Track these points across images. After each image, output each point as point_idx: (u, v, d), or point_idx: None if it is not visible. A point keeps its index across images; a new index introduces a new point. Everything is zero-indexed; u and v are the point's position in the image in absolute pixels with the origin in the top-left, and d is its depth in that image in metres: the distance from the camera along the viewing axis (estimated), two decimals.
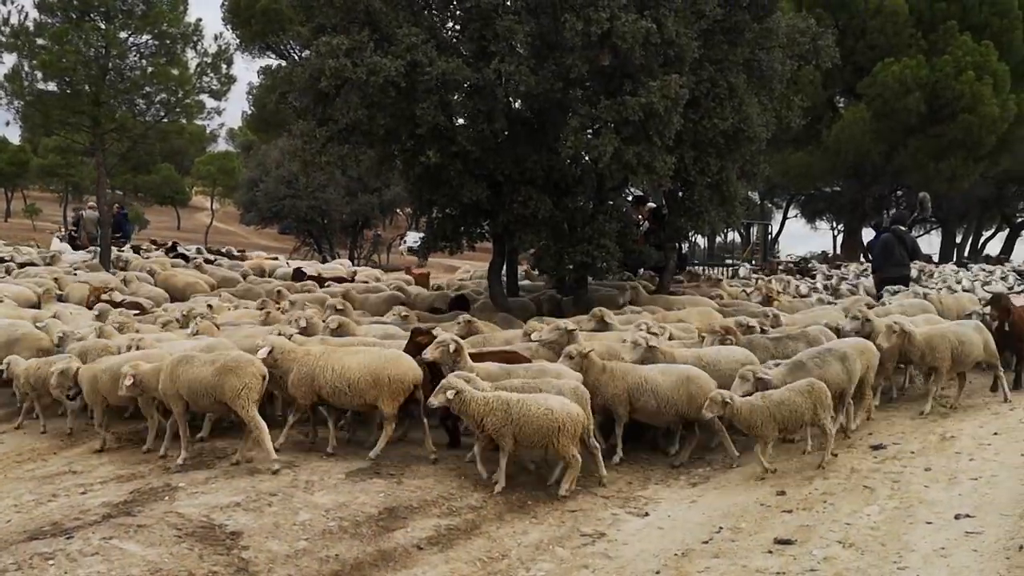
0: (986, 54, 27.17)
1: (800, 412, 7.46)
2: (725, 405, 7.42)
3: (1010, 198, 42.54)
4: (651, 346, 8.87)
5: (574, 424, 7.05)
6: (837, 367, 8.21)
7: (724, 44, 12.89)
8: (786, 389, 7.63)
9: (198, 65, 20.84)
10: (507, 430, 7.06)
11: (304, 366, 7.98)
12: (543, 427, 6.99)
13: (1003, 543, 5.50)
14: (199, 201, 65.81)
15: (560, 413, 7.02)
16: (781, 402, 7.49)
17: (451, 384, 7.15)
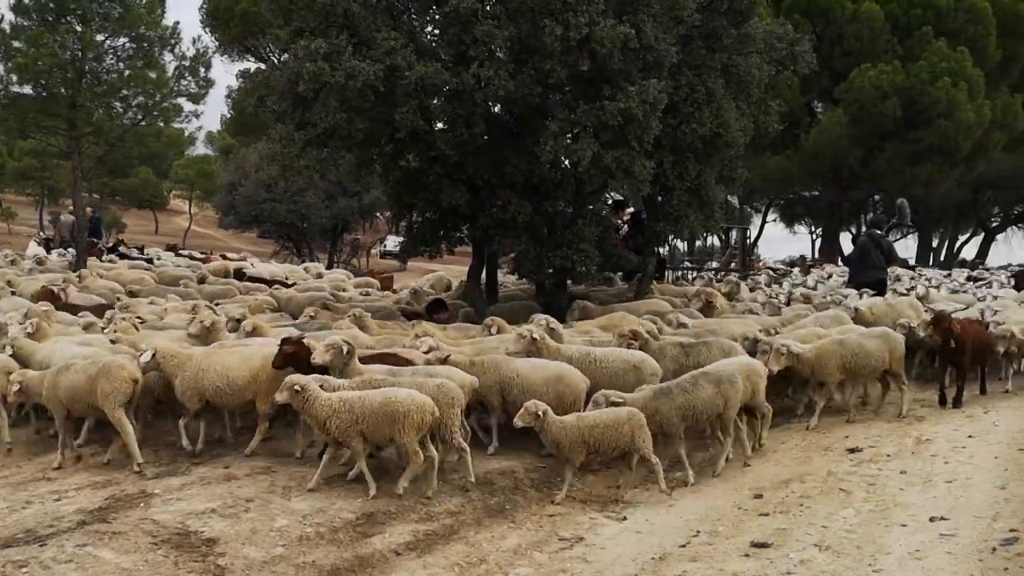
0: (961, 60, 27.45)
1: (614, 438, 7.16)
2: (537, 417, 7.10)
3: (985, 203, 43.08)
4: (533, 339, 8.86)
5: (419, 414, 6.87)
6: (710, 391, 7.76)
7: (702, 49, 12.94)
8: (603, 412, 7.37)
9: (176, 68, 20.78)
10: (353, 430, 6.93)
11: (187, 369, 8.03)
12: (386, 417, 6.86)
13: (977, 545, 5.55)
14: (178, 205, 65.37)
15: (404, 402, 6.89)
16: (595, 425, 7.20)
17: (294, 381, 7.04)
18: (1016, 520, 5.85)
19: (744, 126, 13.45)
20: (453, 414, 7.32)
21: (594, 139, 11.41)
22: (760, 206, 49.12)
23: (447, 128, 12.28)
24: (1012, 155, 34.78)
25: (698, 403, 7.72)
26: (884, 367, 9.47)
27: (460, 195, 12.57)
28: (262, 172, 33.04)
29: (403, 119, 11.41)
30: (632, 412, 7.28)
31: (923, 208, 37.67)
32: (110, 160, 33.98)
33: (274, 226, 35.10)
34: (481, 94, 11.53)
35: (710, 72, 12.85)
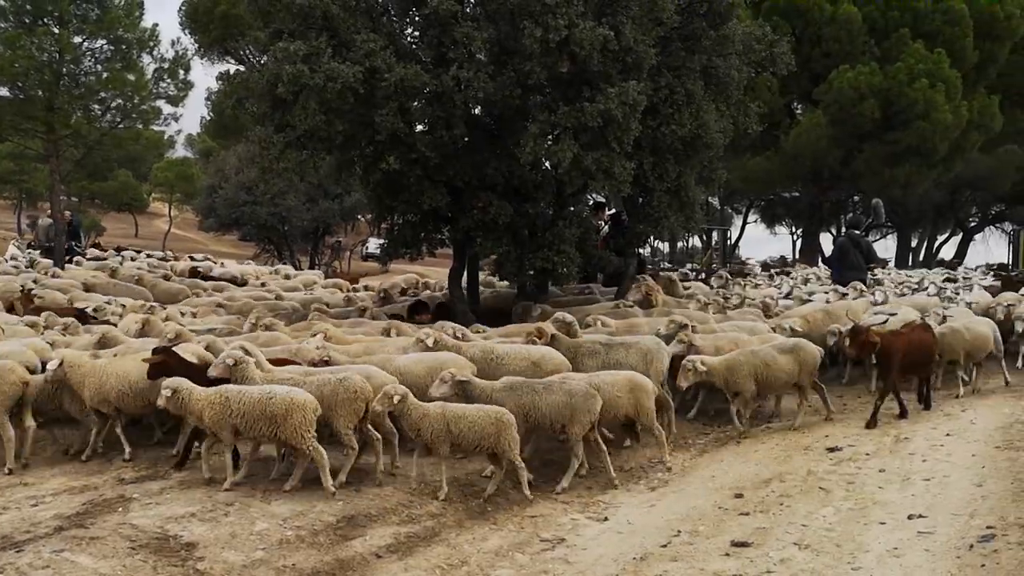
0: (938, 61, 27.65)
1: (478, 434, 7.03)
2: (395, 402, 6.99)
3: (963, 203, 43.46)
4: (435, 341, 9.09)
5: (301, 411, 6.91)
6: (558, 400, 7.56)
7: (682, 51, 12.99)
8: (471, 407, 7.26)
9: (155, 70, 20.69)
10: (225, 423, 7.00)
11: (93, 376, 8.06)
12: (262, 414, 6.91)
13: (954, 542, 5.60)
14: (157, 208, 64.93)
15: (283, 399, 6.93)
16: (461, 417, 7.07)
17: (166, 385, 7.12)
18: (993, 517, 5.90)
19: (724, 127, 13.52)
20: (346, 412, 7.32)
21: (574, 141, 11.43)
22: (741, 207, 49.43)
23: (427, 130, 12.27)
24: (989, 156, 35.10)
25: (542, 407, 7.57)
26: (795, 380, 9.31)
27: (441, 197, 12.56)
28: (242, 175, 32.96)
29: (383, 121, 11.39)
30: (501, 412, 7.14)
31: (902, 209, 38.00)
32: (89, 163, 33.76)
33: (255, 229, 35.00)
34: (461, 96, 11.53)
35: (689, 74, 12.90)
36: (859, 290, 13.75)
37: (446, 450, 7.11)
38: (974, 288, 15.83)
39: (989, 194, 41.48)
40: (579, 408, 7.54)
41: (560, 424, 7.60)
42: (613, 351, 9.22)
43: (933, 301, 13.55)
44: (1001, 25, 29.79)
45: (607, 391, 7.89)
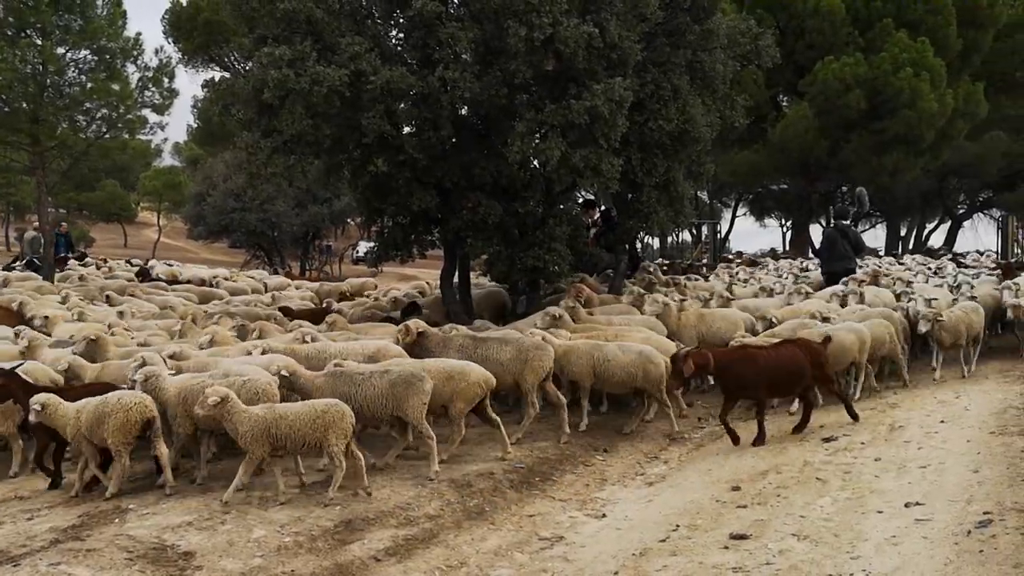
0: (922, 50, 27.73)
1: (303, 432, 6.87)
2: (217, 405, 6.86)
3: (951, 191, 43.55)
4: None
5: (123, 414, 7.05)
6: (379, 388, 7.67)
7: (666, 46, 13.00)
8: (297, 404, 7.17)
9: (139, 79, 20.57)
10: (79, 435, 7.19)
11: None
12: (96, 419, 7.10)
13: (952, 529, 5.61)
14: (146, 217, 64.72)
15: (110, 404, 7.10)
16: (283, 417, 6.93)
17: (34, 401, 7.26)
18: (990, 503, 5.92)
19: (711, 121, 13.53)
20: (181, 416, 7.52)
21: (562, 138, 11.43)
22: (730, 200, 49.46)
23: (415, 132, 12.25)
24: (975, 143, 35.19)
25: (360, 397, 7.63)
26: (635, 384, 9.32)
27: (430, 198, 12.55)
28: (230, 181, 32.87)
29: (370, 124, 11.37)
30: (331, 405, 7.01)
31: (890, 197, 38.07)
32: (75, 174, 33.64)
33: (244, 235, 34.90)
34: (447, 97, 11.51)
35: (675, 69, 12.91)
36: (803, 293, 13.09)
37: (262, 452, 6.92)
38: (981, 276, 15.71)
39: (977, 181, 41.57)
40: (401, 395, 7.60)
41: (386, 412, 7.68)
42: (484, 347, 9.14)
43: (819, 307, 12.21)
44: (984, 13, 29.91)
45: (454, 379, 7.99)
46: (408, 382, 7.65)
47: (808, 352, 8.73)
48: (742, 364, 8.58)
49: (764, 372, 8.50)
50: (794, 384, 8.80)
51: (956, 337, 10.80)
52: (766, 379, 8.52)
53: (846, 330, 9.96)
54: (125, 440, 7.11)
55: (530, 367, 8.90)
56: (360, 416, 7.56)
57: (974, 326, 11.15)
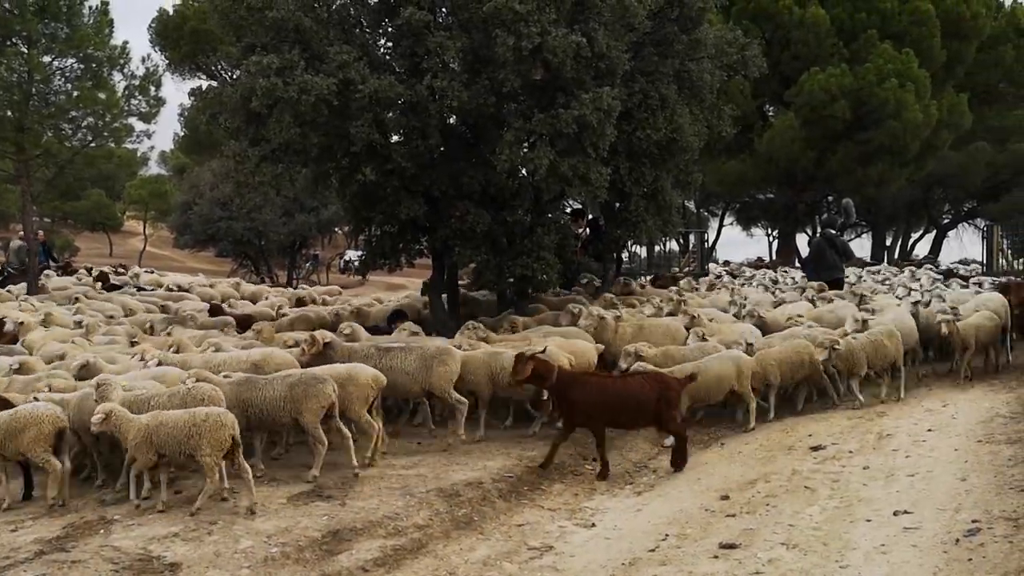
0: (907, 62, 27.94)
1: (178, 440, 6.83)
2: (101, 420, 6.89)
3: (936, 201, 43.84)
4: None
5: (35, 426, 7.17)
6: (278, 393, 7.77)
7: (654, 56, 13.05)
8: (178, 412, 7.10)
9: (126, 88, 20.48)
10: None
11: None
12: (7, 432, 7.20)
13: (940, 537, 5.62)
14: (132, 226, 64.39)
15: (21, 417, 7.24)
16: (162, 424, 6.92)
17: None
18: (978, 511, 5.94)
19: (698, 131, 13.59)
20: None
21: (550, 147, 11.45)
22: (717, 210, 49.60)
23: (403, 140, 12.23)
24: (960, 153, 35.48)
25: (260, 402, 7.77)
26: (531, 393, 9.39)
27: (418, 207, 12.53)
28: (217, 190, 32.71)
29: (358, 132, 11.35)
30: (211, 415, 6.93)
31: (876, 207, 38.31)
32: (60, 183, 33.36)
33: (231, 244, 34.74)
34: (436, 105, 11.51)
35: (663, 78, 12.96)
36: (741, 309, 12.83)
37: (146, 459, 6.97)
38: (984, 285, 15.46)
39: (961, 191, 41.88)
40: (300, 398, 7.69)
41: (285, 416, 7.75)
42: (389, 356, 9.22)
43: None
44: (967, 24, 30.18)
45: (344, 383, 8.06)
46: (307, 386, 7.77)
47: (657, 387, 8.25)
48: (580, 389, 8.22)
49: (600, 401, 8.14)
50: (635, 418, 8.39)
51: (853, 366, 10.00)
52: (601, 408, 8.14)
53: (721, 360, 9.56)
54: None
55: (436, 373, 9.02)
56: (262, 422, 7.85)
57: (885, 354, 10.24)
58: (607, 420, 8.26)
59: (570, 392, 8.23)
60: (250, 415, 7.79)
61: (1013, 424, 8.25)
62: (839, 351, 9.90)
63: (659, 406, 8.15)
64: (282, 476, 7.87)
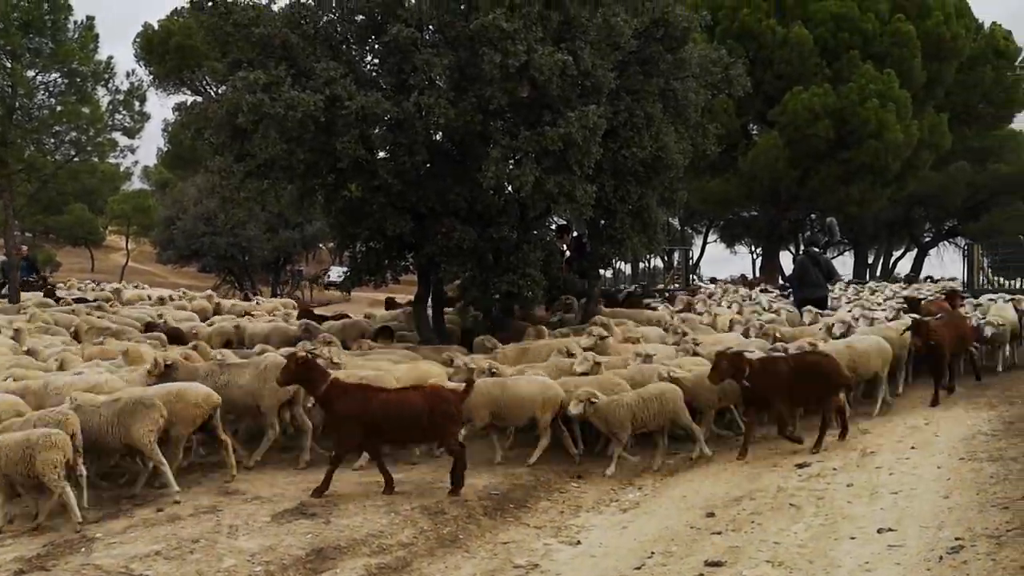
0: (888, 82, 28.25)
1: (15, 462, 6.83)
2: None
3: (917, 220, 44.28)
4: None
5: None
6: (112, 414, 7.71)
7: (640, 75, 13.14)
8: (18, 434, 7.06)
9: (110, 103, 20.50)
10: None
11: None
12: None
13: (924, 555, 5.63)
14: (114, 241, 64.10)
15: None
16: (2, 446, 6.94)
17: None
18: (961, 528, 5.95)
19: (683, 149, 13.68)
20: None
21: (536, 164, 11.49)
22: (701, 227, 49.88)
23: (389, 157, 12.26)
24: (940, 173, 35.89)
25: (96, 423, 7.66)
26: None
27: (404, 223, 12.54)
28: (201, 205, 32.65)
29: (345, 149, 11.36)
30: (42, 435, 6.88)
31: (858, 226, 38.63)
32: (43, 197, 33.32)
33: (214, 260, 34.63)
34: (422, 122, 11.54)
35: (648, 97, 13.05)
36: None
37: None
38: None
39: (942, 210, 42.34)
40: (128, 423, 7.61)
41: (117, 441, 7.67)
42: (228, 372, 9.21)
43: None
44: (948, 45, 30.55)
45: (171, 402, 7.95)
46: (134, 409, 7.67)
47: (432, 401, 7.86)
48: (344, 400, 7.83)
49: (364, 414, 7.75)
50: (408, 434, 8.08)
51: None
52: (367, 421, 7.75)
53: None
54: None
55: (268, 388, 8.92)
56: (94, 446, 7.69)
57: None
58: (372, 434, 7.89)
59: (335, 404, 7.85)
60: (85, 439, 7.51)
61: (994, 442, 8.30)
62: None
63: (433, 421, 7.79)
64: (265, 494, 7.81)
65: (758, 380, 8.78)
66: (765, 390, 8.83)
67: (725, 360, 8.82)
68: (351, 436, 7.91)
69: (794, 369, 9.04)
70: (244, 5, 12.19)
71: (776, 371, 8.98)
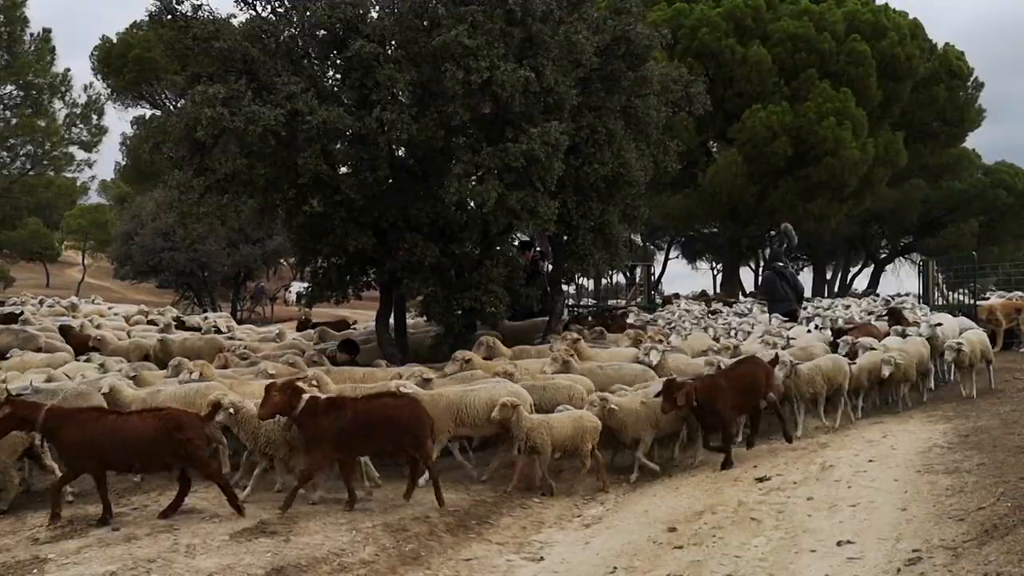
0: (844, 100, 28.81)
1: None
2: None
3: (874, 236, 45.08)
4: None
5: None
6: None
7: (601, 92, 13.23)
8: None
9: (67, 116, 20.26)
10: None
11: None
12: None
13: (882, 567, 5.69)
14: (70, 256, 63.08)
15: None
16: None
17: None
18: (918, 540, 6.03)
19: (644, 166, 13.78)
20: None
21: (498, 180, 11.50)
22: (663, 243, 50.35)
23: (351, 172, 12.20)
24: (896, 190, 36.59)
25: None
26: None
27: (366, 239, 12.47)
28: (159, 220, 32.21)
29: (306, 164, 11.28)
30: None
31: (816, 242, 39.23)
32: None
33: (173, 275, 34.16)
34: (384, 138, 11.50)
35: (610, 113, 13.14)
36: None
37: None
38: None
39: (898, 227, 43.16)
40: None
41: None
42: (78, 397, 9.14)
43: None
44: (903, 65, 31.24)
45: None
46: None
47: (165, 425, 7.52)
48: (70, 427, 7.50)
49: (89, 440, 7.40)
50: (138, 460, 7.61)
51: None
52: (91, 448, 7.41)
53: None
54: None
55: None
56: None
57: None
58: (103, 461, 7.49)
59: (59, 432, 7.48)
60: None
61: (950, 454, 8.43)
62: None
63: (168, 446, 7.44)
64: (224, 512, 7.69)
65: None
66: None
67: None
68: (74, 462, 7.59)
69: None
70: (204, 19, 12.07)
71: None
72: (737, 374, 9.62)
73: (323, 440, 7.78)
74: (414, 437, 7.94)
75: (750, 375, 9.58)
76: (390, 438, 8.00)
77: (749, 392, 9.45)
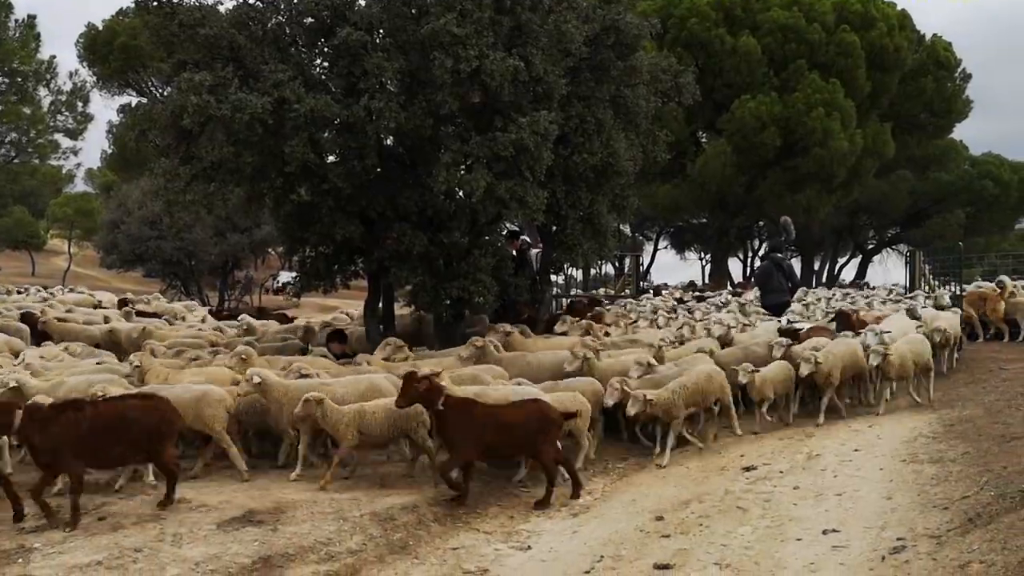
0: (833, 91, 28.86)
1: None
2: None
3: (861, 227, 45.26)
4: None
5: None
6: None
7: (591, 81, 13.20)
8: None
9: (52, 103, 20.13)
10: None
11: None
12: None
13: (867, 555, 5.73)
14: (56, 245, 62.69)
15: None
16: None
17: None
18: (903, 529, 6.07)
19: (633, 155, 13.78)
20: None
21: (487, 170, 11.47)
22: (651, 234, 50.44)
23: (339, 161, 12.14)
24: (883, 181, 36.72)
25: None
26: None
27: (354, 228, 12.42)
28: (145, 209, 32.03)
29: (293, 152, 11.22)
30: None
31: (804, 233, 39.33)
32: None
33: (160, 264, 33.99)
34: (372, 126, 11.45)
35: (599, 103, 13.12)
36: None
37: None
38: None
39: (885, 217, 43.34)
40: None
41: None
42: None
43: None
44: (891, 57, 31.31)
45: None
46: None
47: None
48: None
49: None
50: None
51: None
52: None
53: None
54: None
55: None
56: None
57: None
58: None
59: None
60: None
61: (935, 444, 8.48)
62: None
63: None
64: (212, 502, 7.67)
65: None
66: None
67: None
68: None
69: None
70: (190, 5, 11.97)
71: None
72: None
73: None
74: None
75: None
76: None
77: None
